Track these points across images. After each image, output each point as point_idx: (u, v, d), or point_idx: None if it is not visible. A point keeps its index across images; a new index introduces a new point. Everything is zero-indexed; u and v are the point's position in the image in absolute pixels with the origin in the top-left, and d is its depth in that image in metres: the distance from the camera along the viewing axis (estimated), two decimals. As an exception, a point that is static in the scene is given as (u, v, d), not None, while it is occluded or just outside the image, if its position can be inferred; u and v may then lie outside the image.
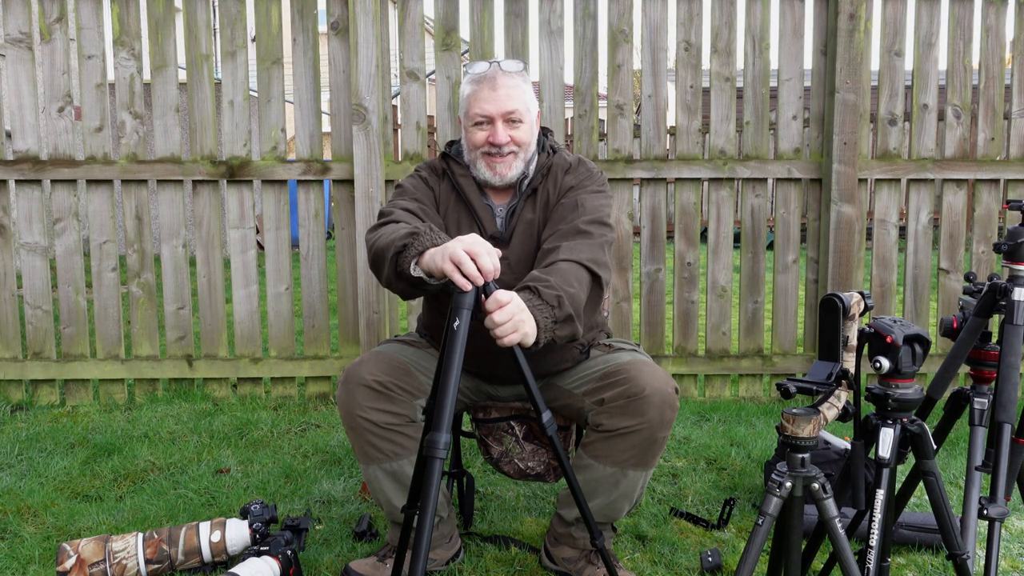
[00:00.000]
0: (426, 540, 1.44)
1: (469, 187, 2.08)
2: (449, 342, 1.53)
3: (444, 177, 2.13)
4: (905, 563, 2.23)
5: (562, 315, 1.74)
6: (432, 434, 1.50)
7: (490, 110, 1.98)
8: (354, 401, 1.96)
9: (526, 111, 2.01)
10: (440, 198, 2.10)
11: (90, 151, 3.59)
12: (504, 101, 1.97)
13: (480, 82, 1.99)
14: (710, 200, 3.69)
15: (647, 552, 2.29)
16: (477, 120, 2.00)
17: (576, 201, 2.01)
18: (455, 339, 1.53)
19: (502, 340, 1.62)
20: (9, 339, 3.69)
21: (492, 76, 1.98)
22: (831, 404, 2.22)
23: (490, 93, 1.97)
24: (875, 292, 3.69)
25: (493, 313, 1.61)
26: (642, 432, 1.92)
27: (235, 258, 3.68)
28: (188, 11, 3.52)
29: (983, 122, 3.69)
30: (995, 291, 1.85)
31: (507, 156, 2.01)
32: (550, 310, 1.72)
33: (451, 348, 1.53)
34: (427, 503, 1.46)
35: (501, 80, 1.98)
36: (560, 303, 1.73)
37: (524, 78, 2.03)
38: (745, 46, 3.62)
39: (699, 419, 3.50)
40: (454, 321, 1.54)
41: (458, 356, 1.52)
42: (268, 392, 3.77)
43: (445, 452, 1.49)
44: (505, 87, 1.97)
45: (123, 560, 2.09)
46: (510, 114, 1.98)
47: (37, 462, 2.94)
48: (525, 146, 2.03)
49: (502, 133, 1.98)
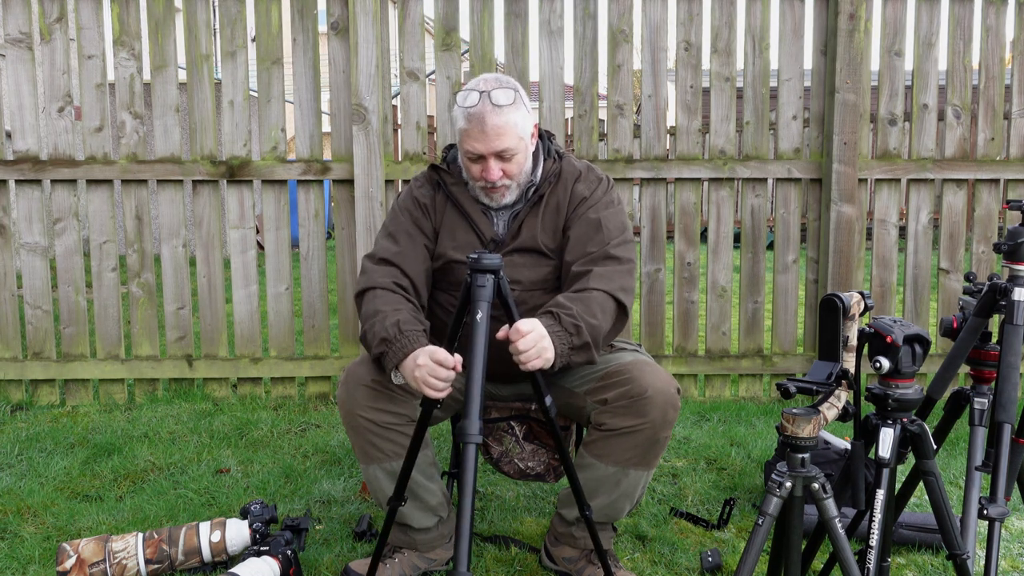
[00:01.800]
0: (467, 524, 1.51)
1: (463, 195, 2.10)
2: (474, 334, 1.61)
3: (439, 188, 2.15)
4: (905, 563, 2.23)
5: (579, 343, 1.84)
6: (464, 422, 1.57)
7: (481, 149, 1.97)
8: (354, 401, 1.96)
9: (518, 141, 1.99)
10: (436, 208, 2.13)
11: (90, 151, 3.59)
12: (494, 141, 1.95)
13: (470, 120, 1.95)
14: (710, 200, 3.69)
15: (647, 552, 2.29)
16: (469, 155, 2.00)
17: (598, 221, 2.04)
18: (478, 331, 1.61)
19: (525, 365, 1.73)
20: (9, 339, 3.69)
21: (481, 115, 1.94)
22: (831, 404, 2.22)
23: (480, 133, 1.95)
24: (875, 292, 3.69)
25: (517, 342, 1.71)
26: (644, 432, 1.92)
27: (235, 258, 3.68)
28: (188, 11, 3.52)
29: (983, 122, 3.69)
30: (995, 291, 1.85)
31: (500, 188, 2.03)
32: (567, 337, 1.82)
33: (476, 340, 1.60)
34: (465, 488, 1.53)
35: (491, 120, 1.93)
36: (578, 332, 1.83)
37: (516, 107, 1.97)
38: (745, 46, 3.61)
39: (699, 419, 3.50)
40: (476, 314, 1.61)
41: (482, 347, 1.60)
42: (268, 392, 3.77)
43: (480, 437, 1.58)
44: (495, 126, 1.94)
45: (123, 560, 2.09)
46: (501, 152, 1.97)
47: (37, 462, 2.94)
48: (518, 175, 2.04)
49: (494, 171, 1.99)
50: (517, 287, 2.03)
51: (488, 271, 1.63)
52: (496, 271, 1.63)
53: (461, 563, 1.48)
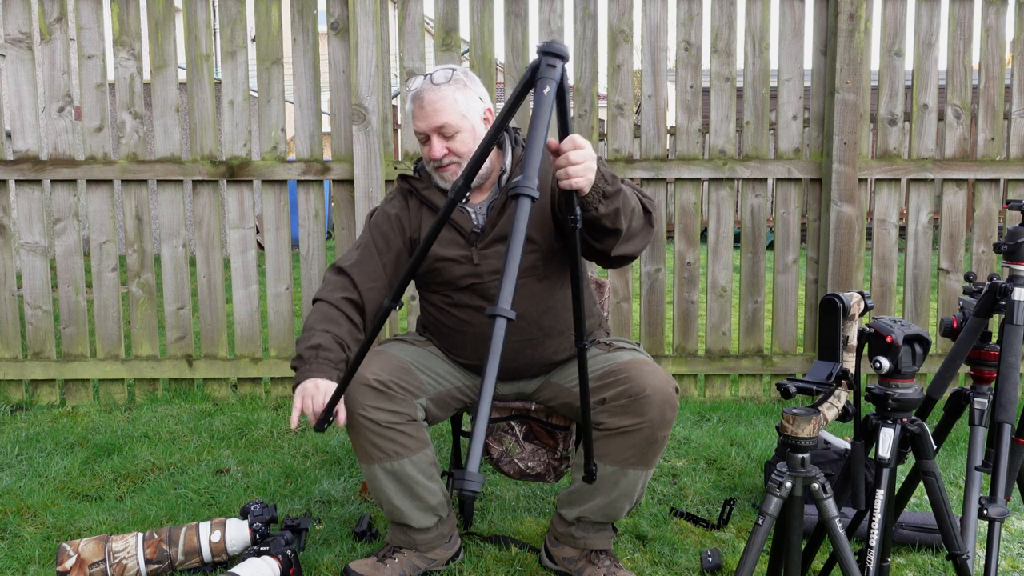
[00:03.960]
0: (488, 395, 1.19)
1: (435, 197, 2.11)
2: (538, 109, 1.37)
3: (410, 195, 2.17)
4: (905, 563, 2.23)
5: (612, 190, 1.75)
6: (500, 297, 1.31)
7: (422, 127, 2.01)
8: (355, 400, 1.96)
9: (459, 119, 2.00)
10: (411, 216, 2.15)
11: (90, 151, 3.59)
12: (432, 117, 1.99)
13: (414, 101, 2.03)
14: (710, 200, 3.69)
15: (647, 552, 2.29)
16: (419, 137, 2.05)
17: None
18: (543, 104, 1.36)
19: (569, 180, 1.60)
20: (9, 339, 3.69)
21: (421, 93, 2.00)
22: (831, 404, 2.22)
23: (419, 111, 2.01)
24: (875, 292, 3.69)
25: (571, 152, 1.59)
26: (643, 431, 1.92)
27: (235, 258, 3.68)
28: (188, 11, 3.52)
29: (983, 122, 3.69)
30: (995, 291, 1.85)
31: (449, 167, 2.03)
32: (603, 182, 1.73)
33: (539, 114, 1.36)
34: (494, 360, 1.26)
35: (428, 96, 1.99)
36: (614, 182, 1.76)
37: (456, 86, 2.00)
38: (745, 46, 3.62)
39: (699, 419, 3.50)
40: (543, 88, 1.37)
41: (545, 122, 1.36)
42: (268, 392, 3.77)
43: (513, 314, 1.34)
44: (432, 103, 1.98)
45: (123, 560, 2.09)
46: (440, 128, 1.99)
47: (37, 462, 2.94)
48: (466, 154, 2.03)
49: (437, 147, 2.01)
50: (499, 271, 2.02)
51: (559, 55, 1.44)
52: (564, 58, 1.45)
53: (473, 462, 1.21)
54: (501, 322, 1.31)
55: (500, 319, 1.32)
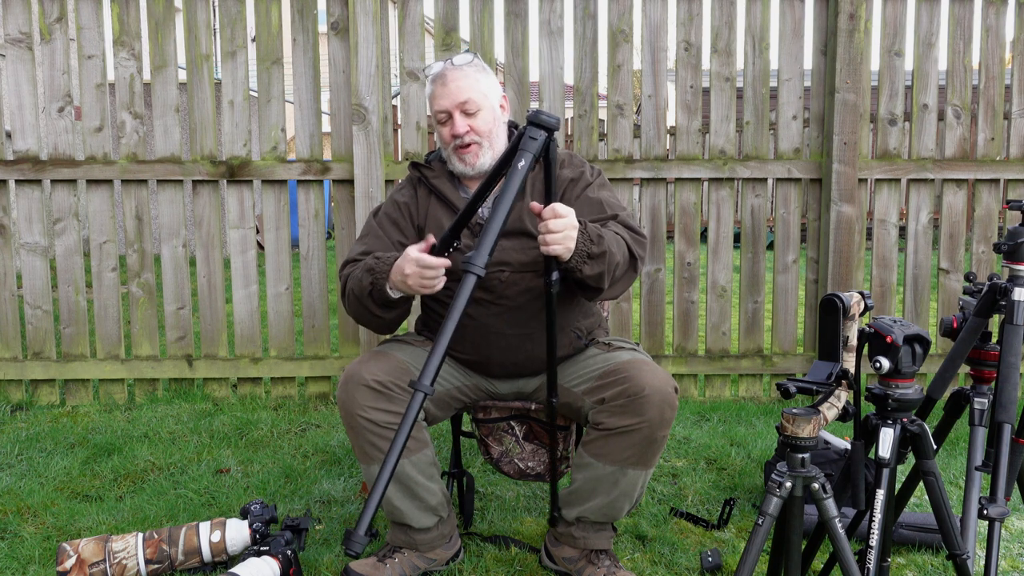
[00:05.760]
0: (446, 337, 1.53)
1: (444, 185, 2.14)
2: (509, 180, 1.58)
3: (420, 184, 2.19)
4: (905, 563, 2.23)
5: (597, 251, 1.82)
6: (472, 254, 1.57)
7: (445, 104, 2.05)
8: (354, 401, 1.97)
9: (482, 97, 2.06)
10: (419, 204, 2.17)
11: (90, 151, 3.59)
12: (456, 93, 2.04)
13: (435, 81, 2.08)
14: (710, 200, 3.69)
15: (647, 552, 2.29)
16: (439, 118, 2.09)
17: (599, 200, 2.09)
18: (514, 177, 1.58)
19: (548, 247, 1.73)
20: (9, 339, 3.69)
21: (443, 73, 2.07)
22: (831, 404, 2.22)
23: (442, 89, 2.06)
24: (875, 292, 3.69)
25: (550, 221, 1.71)
26: (642, 431, 1.92)
27: (235, 258, 3.68)
28: (188, 11, 3.52)
29: (983, 122, 3.69)
30: (995, 291, 1.85)
31: (471, 146, 2.07)
32: (588, 243, 1.81)
33: (509, 185, 1.58)
34: (456, 311, 1.55)
35: (451, 75, 2.06)
36: (600, 243, 1.82)
37: (477, 68, 2.09)
38: (745, 46, 3.61)
39: (699, 419, 3.50)
40: (519, 162, 1.59)
41: (513, 193, 1.57)
42: (268, 392, 3.77)
43: (483, 271, 1.57)
44: (455, 80, 2.05)
45: (123, 560, 2.09)
46: (464, 104, 2.04)
47: (37, 462, 2.94)
48: (487, 134, 2.08)
49: (460, 124, 2.05)
50: (507, 269, 2.04)
51: (544, 127, 1.60)
52: (551, 130, 1.62)
53: (427, 376, 1.51)
54: (470, 278, 1.54)
55: (469, 275, 1.55)
